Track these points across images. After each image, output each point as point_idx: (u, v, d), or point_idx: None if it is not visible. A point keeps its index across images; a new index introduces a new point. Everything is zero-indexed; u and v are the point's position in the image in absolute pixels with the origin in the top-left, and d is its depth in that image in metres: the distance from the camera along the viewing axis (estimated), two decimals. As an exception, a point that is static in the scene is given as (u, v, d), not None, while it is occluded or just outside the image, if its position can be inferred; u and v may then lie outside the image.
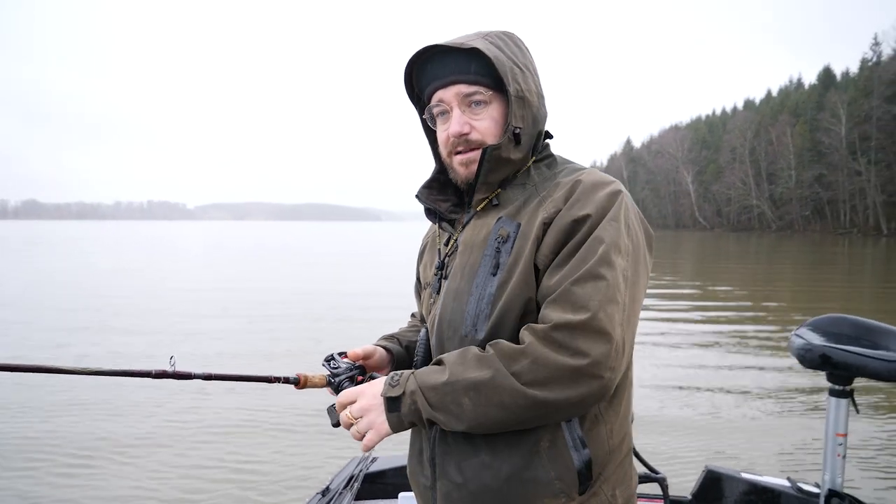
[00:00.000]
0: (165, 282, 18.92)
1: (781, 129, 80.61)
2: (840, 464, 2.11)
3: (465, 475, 1.22)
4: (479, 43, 1.22)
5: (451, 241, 1.37)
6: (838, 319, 2.21)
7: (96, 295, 15.22)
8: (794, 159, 78.58)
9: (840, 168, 70.03)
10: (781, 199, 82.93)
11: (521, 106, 1.25)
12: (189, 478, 4.50)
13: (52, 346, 9.06)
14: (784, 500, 2.42)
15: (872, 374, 1.99)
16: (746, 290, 17.22)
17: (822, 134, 72.43)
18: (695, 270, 24.36)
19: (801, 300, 14.92)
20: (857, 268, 25.85)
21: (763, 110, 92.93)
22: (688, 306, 13.62)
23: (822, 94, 78.19)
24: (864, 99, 66.98)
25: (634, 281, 1.16)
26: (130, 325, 10.82)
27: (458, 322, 1.24)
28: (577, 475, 1.18)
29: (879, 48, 71.00)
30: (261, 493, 4.29)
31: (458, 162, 1.30)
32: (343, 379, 1.35)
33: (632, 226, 1.20)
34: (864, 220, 69.74)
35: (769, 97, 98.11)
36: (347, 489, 2.54)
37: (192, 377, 1.29)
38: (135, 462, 4.73)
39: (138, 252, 36.86)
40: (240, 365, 7.91)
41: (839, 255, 34.15)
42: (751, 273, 22.92)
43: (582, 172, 1.27)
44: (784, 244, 48.58)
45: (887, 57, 68.05)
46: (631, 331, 1.15)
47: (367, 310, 12.89)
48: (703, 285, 18.60)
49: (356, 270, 24.27)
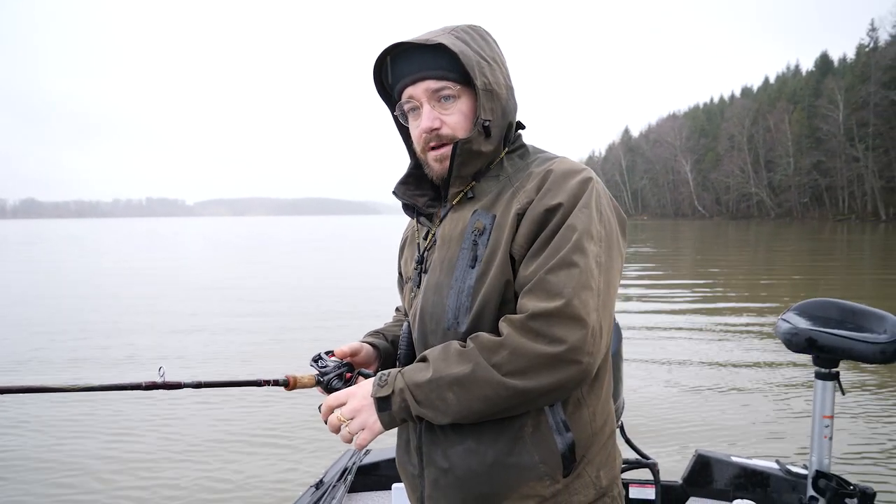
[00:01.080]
0: (155, 281, 18.85)
1: (779, 117, 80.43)
2: (827, 445, 2.14)
3: (452, 461, 1.24)
4: (445, 38, 1.23)
5: (430, 235, 1.38)
6: (824, 303, 2.23)
7: (79, 296, 15.07)
8: (792, 146, 78.44)
9: (838, 154, 69.88)
10: (780, 187, 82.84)
11: (489, 99, 1.25)
12: (174, 477, 4.53)
13: (31, 350, 8.92)
14: (773, 483, 2.45)
15: (858, 356, 2.02)
16: (741, 277, 17.27)
17: (820, 120, 72.26)
18: (693, 259, 24.39)
19: (797, 287, 14.94)
20: (856, 255, 25.88)
21: (761, 97, 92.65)
22: (681, 293, 13.68)
23: (820, 81, 77.95)
24: (862, 85, 66.77)
25: (608, 266, 1.18)
26: (113, 331, 10.51)
27: (440, 315, 1.26)
28: (561, 458, 1.20)
29: (876, 34, 70.77)
30: (254, 488, 4.33)
31: (432, 158, 1.31)
32: (332, 377, 1.36)
33: (604, 212, 1.22)
34: (863, 206, 69.69)
35: (767, 84, 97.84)
36: (341, 482, 2.55)
37: (183, 386, 1.30)
38: (131, 471, 4.71)
39: (131, 251, 36.64)
40: (232, 365, 7.87)
41: (838, 242, 34.16)
42: (748, 260, 22.95)
43: (553, 162, 1.28)
44: (783, 231, 48.60)
45: (884, 42, 67.80)
46: (607, 315, 1.16)
47: (365, 302, 12.93)
48: (700, 271, 18.66)
49: (352, 263, 24.30)
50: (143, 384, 1.26)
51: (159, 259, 28.91)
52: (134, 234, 62.54)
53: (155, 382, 1.26)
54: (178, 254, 32.78)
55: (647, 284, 15.90)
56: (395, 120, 1.40)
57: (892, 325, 2.01)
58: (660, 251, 28.76)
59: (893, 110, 62.71)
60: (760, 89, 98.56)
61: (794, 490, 2.41)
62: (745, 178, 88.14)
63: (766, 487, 2.47)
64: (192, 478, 4.53)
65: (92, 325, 11.03)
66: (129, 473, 4.64)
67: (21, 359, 8.49)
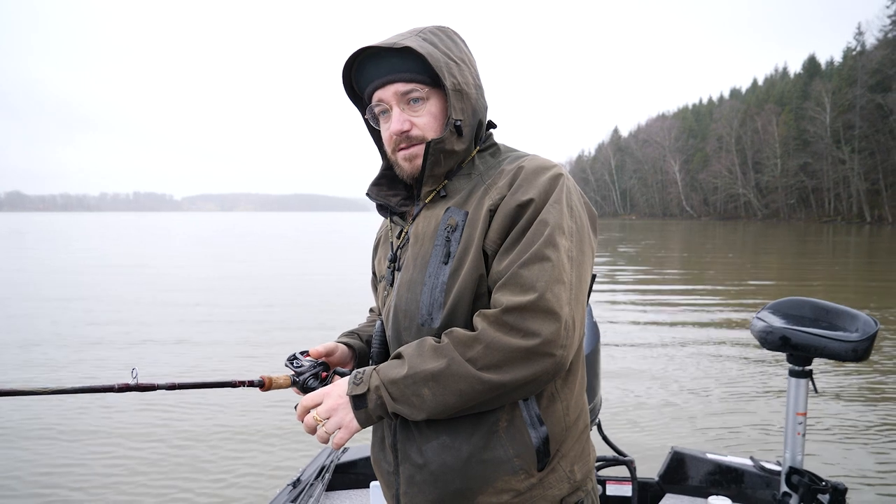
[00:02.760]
0: (135, 277, 18.58)
1: (767, 118, 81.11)
2: (800, 442, 2.17)
3: (427, 457, 1.24)
4: (412, 41, 1.24)
5: (403, 233, 1.39)
6: (798, 302, 2.26)
7: (49, 298, 14.41)
8: (779, 148, 79.17)
9: (825, 156, 70.58)
10: (767, 188, 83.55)
11: (459, 98, 1.27)
12: (162, 477, 4.48)
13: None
14: (747, 479, 2.48)
15: (831, 354, 2.05)
16: (724, 276, 17.39)
17: (807, 123, 72.99)
18: (678, 258, 24.53)
19: (780, 287, 15.05)
20: (841, 256, 26.11)
21: (749, 99, 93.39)
22: (661, 291, 13.79)
23: (807, 83, 78.67)
24: (848, 88, 67.54)
25: (580, 261, 1.20)
26: (85, 331, 10.12)
27: (413, 312, 1.26)
28: (536, 452, 1.21)
29: (863, 37, 71.46)
30: (230, 487, 4.29)
31: (401, 158, 1.32)
32: (308, 377, 1.36)
33: (574, 207, 1.23)
34: (848, 207, 70.42)
35: (755, 86, 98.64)
36: (319, 480, 2.54)
37: (156, 388, 1.29)
38: (103, 475, 4.61)
39: (112, 246, 35.86)
40: (209, 365, 7.73)
41: (823, 244, 34.48)
42: (733, 259, 23.11)
43: (524, 159, 1.29)
44: (770, 232, 48.97)
45: (871, 46, 68.48)
46: (580, 309, 1.17)
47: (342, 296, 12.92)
48: (684, 270, 18.78)
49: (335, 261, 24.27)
50: (115, 386, 1.24)
51: (140, 255, 28.55)
52: (119, 229, 61.77)
53: (128, 384, 1.25)
54: (161, 250, 32.46)
55: (626, 282, 16.00)
56: (367, 122, 1.41)
57: (863, 324, 2.04)
58: (646, 251, 28.92)
59: (879, 113, 63.42)
60: (749, 91, 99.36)
61: (768, 486, 2.44)
62: (733, 179, 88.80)
63: (741, 484, 2.50)
64: (167, 478, 4.46)
65: (64, 324, 10.71)
66: (101, 477, 4.53)
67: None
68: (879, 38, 67.33)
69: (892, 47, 63.91)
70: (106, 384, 1.23)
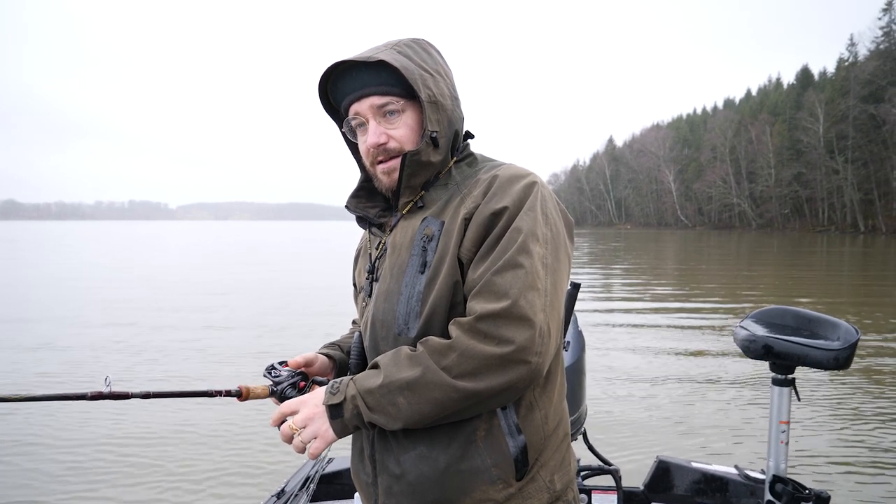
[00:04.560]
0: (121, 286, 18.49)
1: (761, 128, 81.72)
2: (784, 450, 2.17)
3: (404, 467, 1.24)
4: (386, 55, 1.25)
5: (381, 244, 1.40)
6: (781, 311, 2.27)
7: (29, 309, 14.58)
8: (773, 158, 79.68)
9: (818, 166, 71.08)
10: (761, 198, 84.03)
11: (434, 110, 1.27)
12: (141, 488, 4.43)
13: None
14: (732, 487, 2.48)
15: (813, 363, 2.05)
16: (714, 285, 17.44)
17: (801, 133, 73.55)
18: (674, 269, 24.58)
19: (772, 296, 15.10)
20: (835, 266, 26.22)
21: (743, 109, 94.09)
22: (647, 300, 13.80)
23: (801, 94, 79.43)
24: (841, 98, 68.09)
25: (555, 268, 1.20)
26: (66, 341, 9.92)
27: (390, 322, 1.26)
28: (514, 462, 1.20)
29: (856, 48, 72.19)
30: (213, 499, 4.24)
31: (380, 171, 1.33)
32: (286, 386, 1.36)
33: (549, 215, 1.24)
34: (842, 217, 70.83)
35: (749, 96, 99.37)
36: (303, 491, 2.51)
37: (130, 396, 1.28)
38: (79, 485, 4.53)
39: (102, 255, 35.53)
40: (188, 374, 7.64)
41: (817, 254, 34.61)
42: (727, 269, 23.17)
43: (500, 168, 1.30)
44: (764, 242, 49.12)
45: (863, 57, 69.16)
46: (556, 316, 1.18)
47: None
48: (675, 280, 18.82)
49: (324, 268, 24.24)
50: (88, 394, 1.24)
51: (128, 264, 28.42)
52: (112, 238, 61.56)
53: (101, 392, 1.24)
54: (154, 259, 32.33)
55: (614, 291, 16.04)
56: (344, 136, 1.42)
57: (844, 333, 2.05)
58: (640, 260, 28.96)
59: (872, 124, 63.95)
60: (743, 101, 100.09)
61: (753, 494, 2.44)
62: (728, 189, 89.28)
63: (726, 492, 2.50)
64: (147, 491, 4.39)
65: (44, 331, 10.60)
66: (77, 487, 4.46)
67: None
68: (871, 50, 68.11)
69: (884, 58, 64.59)
70: (78, 392, 1.22)
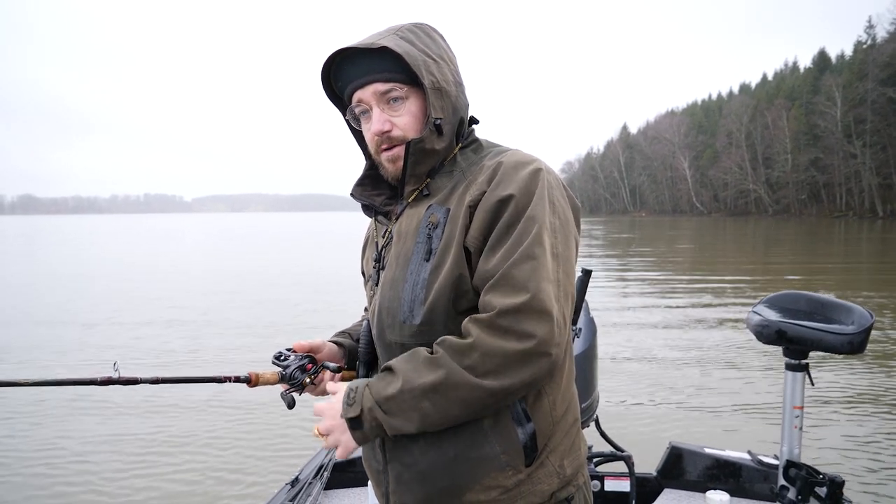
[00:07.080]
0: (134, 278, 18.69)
1: (777, 113, 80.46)
2: (797, 435, 2.17)
3: (414, 456, 1.25)
4: (389, 41, 1.24)
5: (387, 232, 1.40)
6: (794, 296, 2.26)
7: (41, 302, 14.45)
8: (790, 143, 78.53)
9: (836, 151, 69.94)
10: (778, 183, 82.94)
11: (438, 97, 1.26)
12: (157, 475, 4.50)
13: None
14: (745, 473, 2.49)
15: (827, 347, 2.05)
16: (730, 272, 17.31)
17: (818, 117, 72.32)
18: (684, 253, 24.42)
19: (788, 281, 14.96)
20: (853, 252, 25.91)
21: (759, 94, 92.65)
22: (662, 286, 13.72)
23: (818, 78, 77.93)
24: (859, 82, 66.81)
25: (566, 256, 1.20)
26: (76, 325, 10.37)
27: (395, 309, 1.26)
28: (523, 448, 1.20)
29: (874, 31, 70.76)
30: (228, 485, 4.29)
31: (385, 159, 1.32)
32: (294, 370, 1.38)
33: (557, 202, 1.23)
34: (860, 202, 69.80)
35: (765, 81, 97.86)
36: (317, 479, 2.54)
37: (139, 382, 1.29)
38: (94, 472, 4.63)
39: (116, 246, 36.13)
40: (197, 361, 7.77)
41: (835, 240, 34.21)
42: (743, 256, 22.98)
43: (505, 154, 1.29)
44: (781, 228, 48.60)
45: (882, 40, 67.77)
46: (568, 305, 1.18)
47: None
48: (689, 267, 18.69)
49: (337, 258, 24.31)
50: (98, 379, 1.25)
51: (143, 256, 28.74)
52: (129, 232, 62.15)
53: (111, 378, 1.25)
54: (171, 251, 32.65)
55: (628, 278, 15.97)
56: (348, 123, 1.42)
57: (859, 317, 2.04)
58: (655, 248, 28.80)
59: (891, 107, 62.76)
60: (759, 86, 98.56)
61: (766, 480, 2.45)
62: (743, 175, 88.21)
63: (739, 478, 2.51)
64: (163, 477, 4.46)
65: (59, 318, 10.89)
66: (92, 474, 4.54)
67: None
68: (890, 32, 66.68)
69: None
70: (88, 377, 1.25)
